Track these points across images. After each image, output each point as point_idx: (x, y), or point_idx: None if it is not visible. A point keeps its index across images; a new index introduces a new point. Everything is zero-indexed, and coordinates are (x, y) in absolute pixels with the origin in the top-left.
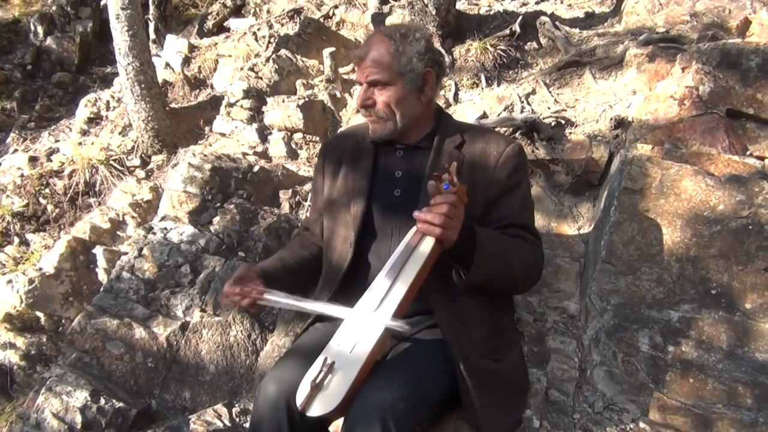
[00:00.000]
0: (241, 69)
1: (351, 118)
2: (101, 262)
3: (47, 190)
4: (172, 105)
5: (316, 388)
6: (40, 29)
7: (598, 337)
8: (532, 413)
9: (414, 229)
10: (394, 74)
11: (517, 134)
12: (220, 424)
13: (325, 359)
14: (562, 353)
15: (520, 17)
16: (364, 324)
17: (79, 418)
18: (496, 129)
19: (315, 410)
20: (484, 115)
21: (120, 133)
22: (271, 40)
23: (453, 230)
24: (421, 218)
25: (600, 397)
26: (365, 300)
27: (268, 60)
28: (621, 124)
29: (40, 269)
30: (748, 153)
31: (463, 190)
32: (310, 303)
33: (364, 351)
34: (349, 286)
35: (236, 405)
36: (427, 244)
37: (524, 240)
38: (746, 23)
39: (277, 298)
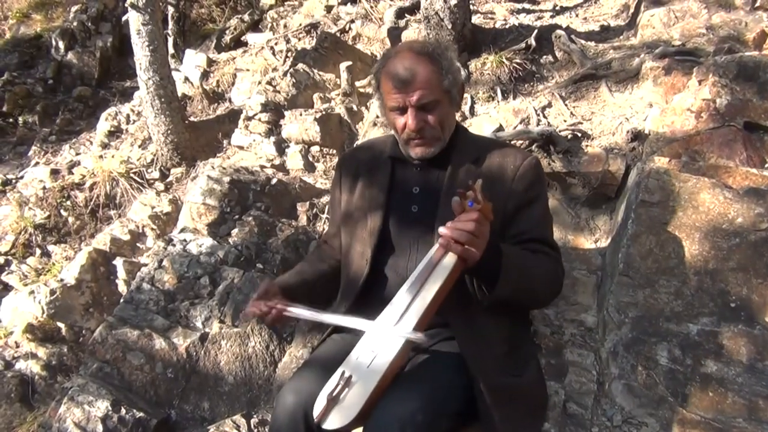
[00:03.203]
0: (259, 83)
1: (368, 131)
2: (121, 274)
3: (68, 203)
4: (191, 118)
5: (333, 401)
6: (61, 44)
7: (616, 350)
8: (550, 426)
9: (437, 244)
10: (442, 93)
11: (533, 147)
12: None
13: (343, 372)
14: (579, 366)
15: (536, 31)
16: (383, 338)
17: (100, 428)
18: (513, 142)
19: (331, 423)
20: (500, 128)
21: (140, 146)
22: (289, 54)
23: (477, 248)
24: (446, 235)
25: (618, 410)
26: (386, 314)
27: (285, 74)
28: (638, 136)
29: (62, 280)
30: (766, 165)
31: (488, 208)
32: (331, 316)
33: (382, 365)
34: (366, 300)
35: (255, 416)
36: (450, 260)
37: (546, 255)
38: (763, 36)
39: (301, 311)
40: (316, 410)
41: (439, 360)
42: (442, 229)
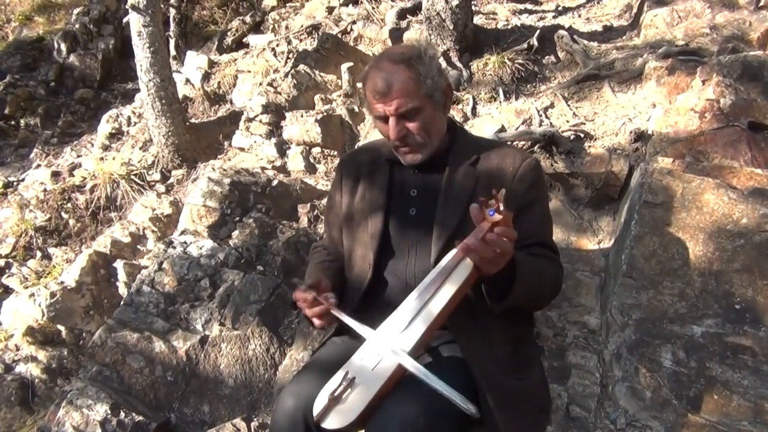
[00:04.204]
0: (260, 84)
1: (369, 132)
2: (122, 276)
3: (69, 205)
4: (192, 120)
5: (334, 401)
6: (63, 47)
7: (619, 353)
8: (553, 429)
9: (453, 251)
10: (423, 99)
11: (535, 148)
12: None
13: (346, 373)
14: (583, 368)
15: (538, 31)
16: (389, 343)
17: None
18: (515, 143)
19: (330, 423)
20: (502, 129)
21: (141, 149)
22: (290, 55)
23: (495, 265)
24: (468, 241)
25: (622, 413)
26: (393, 319)
27: (286, 75)
28: (641, 137)
29: (62, 283)
30: None
31: (509, 218)
32: (363, 327)
33: (386, 369)
34: (368, 304)
35: (255, 419)
36: (466, 269)
37: (549, 259)
38: (767, 35)
39: (343, 315)
40: (317, 409)
41: (441, 363)
42: (466, 242)
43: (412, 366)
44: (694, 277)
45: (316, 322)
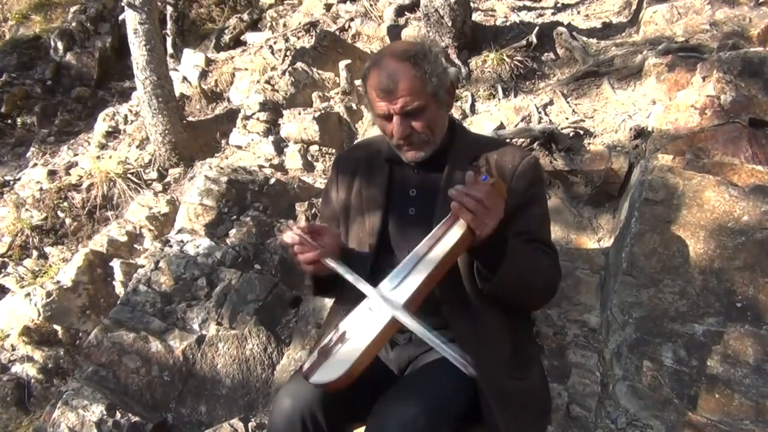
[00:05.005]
0: (258, 82)
1: (367, 129)
2: (118, 275)
3: (65, 204)
4: (189, 118)
5: (323, 355)
6: (60, 45)
7: (620, 351)
8: (553, 429)
9: (447, 216)
10: (428, 97)
11: (535, 145)
12: None
13: (337, 329)
14: (583, 367)
15: (537, 28)
16: (380, 301)
17: None
18: (514, 140)
19: (318, 377)
20: (501, 126)
21: (137, 147)
22: (288, 53)
23: (489, 221)
24: (457, 198)
25: (623, 412)
26: (387, 279)
27: (284, 73)
28: (641, 134)
29: (58, 282)
30: None
31: (502, 184)
32: (358, 279)
33: (377, 324)
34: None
35: (252, 419)
36: (458, 232)
37: (545, 254)
38: (767, 32)
39: (336, 265)
40: (306, 364)
41: (440, 362)
42: (452, 191)
43: (406, 318)
44: (695, 275)
45: (306, 267)
